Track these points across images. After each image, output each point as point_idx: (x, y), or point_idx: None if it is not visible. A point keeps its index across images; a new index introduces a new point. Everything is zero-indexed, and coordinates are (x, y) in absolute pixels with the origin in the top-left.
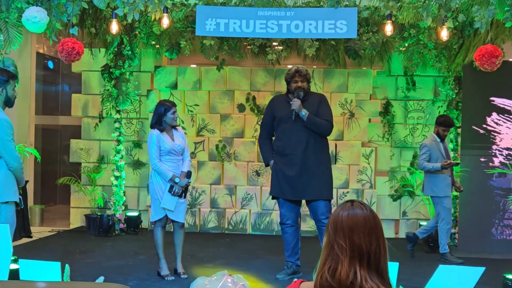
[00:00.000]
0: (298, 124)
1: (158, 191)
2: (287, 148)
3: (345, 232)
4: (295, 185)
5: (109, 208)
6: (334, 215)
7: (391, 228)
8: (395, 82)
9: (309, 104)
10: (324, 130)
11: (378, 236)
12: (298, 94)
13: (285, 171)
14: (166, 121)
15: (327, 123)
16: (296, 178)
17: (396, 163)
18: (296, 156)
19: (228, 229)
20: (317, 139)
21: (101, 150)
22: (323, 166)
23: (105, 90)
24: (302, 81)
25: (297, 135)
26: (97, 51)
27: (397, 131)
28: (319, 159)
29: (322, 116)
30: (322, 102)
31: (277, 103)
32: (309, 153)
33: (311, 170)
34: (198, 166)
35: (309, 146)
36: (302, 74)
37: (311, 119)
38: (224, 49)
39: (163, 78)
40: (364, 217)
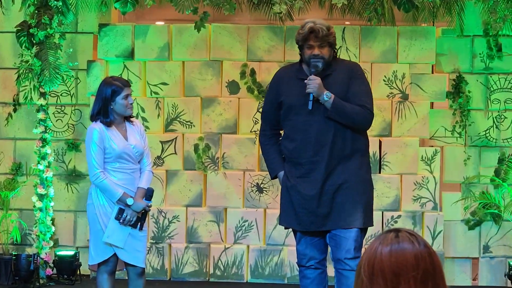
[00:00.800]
0: (318, 114)
1: (100, 218)
2: (302, 153)
3: (387, 278)
4: (316, 209)
5: (30, 244)
6: (370, 253)
7: (467, 272)
8: (471, 46)
9: (334, 82)
10: (360, 122)
11: (437, 283)
12: (315, 67)
13: (301, 189)
14: (115, 109)
15: (364, 111)
16: (317, 198)
17: (473, 171)
18: (317, 166)
19: (215, 276)
20: (348, 136)
21: (16, 154)
22: (356, 177)
23: (23, 62)
24: (320, 45)
25: (317, 132)
26: (10, 2)
27: (475, 121)
28: (352, 167)
29: (355, 98)
30: (355, 75)
31: (285, 81)
32: (336, 158)
33: (337, 185)
34: (167, 179)
35: (335, 148)
36: (320, 34)
37: (338, 105)
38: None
39: (113, 42)
40: (416, 255)
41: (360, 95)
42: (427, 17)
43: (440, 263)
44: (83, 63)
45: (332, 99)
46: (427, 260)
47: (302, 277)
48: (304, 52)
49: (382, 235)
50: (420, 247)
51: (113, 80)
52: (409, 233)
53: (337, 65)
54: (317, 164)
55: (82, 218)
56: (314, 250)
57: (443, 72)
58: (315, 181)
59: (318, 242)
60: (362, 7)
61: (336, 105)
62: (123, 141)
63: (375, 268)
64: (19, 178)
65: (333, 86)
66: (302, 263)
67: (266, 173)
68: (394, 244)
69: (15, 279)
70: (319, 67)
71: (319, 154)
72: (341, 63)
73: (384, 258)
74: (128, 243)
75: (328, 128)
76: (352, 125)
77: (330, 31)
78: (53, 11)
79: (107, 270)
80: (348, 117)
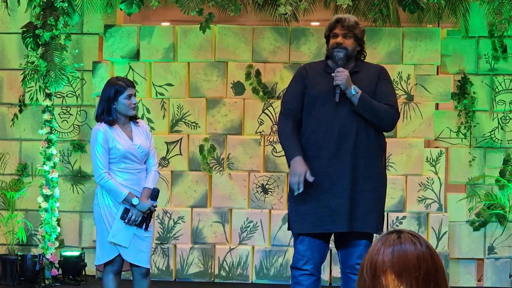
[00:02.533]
0: (344, 108)
1: (106, 219)
2: (324, 146)
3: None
4: (338, 208)
5: (36, 245)
6: (372, 253)
7: (471, 273)
8: (476, 47)
9: (361, 80)
10: (386, 120)
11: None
12: (337, 56)
13: (320, 185)
14: (118, 109)
15: (391, 109)
16: (340, 196)
17: (478, 171)
18: (340, 160)
19: (220, 276)
20: (372, 134)
21: (22, 155)
22: (377, 179)
23: (29, 63)
24: (345, 35)
25: (340, 125)
26: (15, 3)
27: (480, 122)
28: (374, 167)
29: (383, 98)
30: (383, 77)
31: (311, 74)
32: (360, 154)
33: (360, 184)
34: (173, 179)
35: (359, 143)
36: (346, 24)
37: (366, 100)
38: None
39: (118, 43)
40: (418, 256)
41: (388, 95)
42: (432, 18)
43: (441, 264)
44: (88, 64)
45: (360, 93)
46: (429, 261)
47: (295, 283)
48: (329, 43)
49: (384, 236)
50: (422, 248)
51: (117, 80)
52: (411, 234)
53: (364, 65)
54: (339, 158)
55: (88, 218)
56: (316, 253)
57: (448, 73)
58: (337, 177)
59: (321, 245)
60: (367, 8)
61: (363, 99)
62: (128, 142)
63: (377, 269)
64: (25, 179)
65: (360, 83)
66: (298, 265)
67: (271, 174)
68: (397, 245)
69: (21, 280)
70: (341, 56)
71: (342, 148)
72: (368, 64)
73: (386, 259)
74: (133, 243)
75: (352, 123)
76: (377, 122)
77: (358, 25)
78: (58, 12)
79: (113, 270)
80: (375, 113)
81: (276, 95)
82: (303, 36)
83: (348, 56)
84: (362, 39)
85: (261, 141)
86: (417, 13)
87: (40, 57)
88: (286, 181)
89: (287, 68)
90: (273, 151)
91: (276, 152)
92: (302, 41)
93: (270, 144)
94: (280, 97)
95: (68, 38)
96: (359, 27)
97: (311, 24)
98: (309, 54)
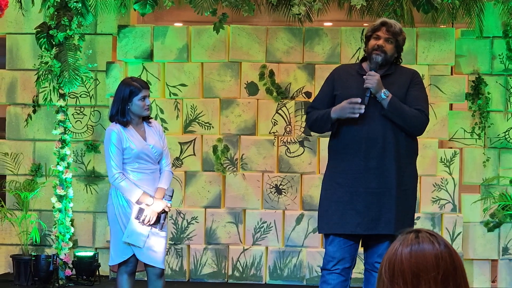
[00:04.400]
0: (373, 111)
1: (120, 219)
2: (353, 149)
3: (407, 278)
4: (364, 210)
5: (49, 245)
6: (391, 254)
7: (486, 274)
8: (490, 47)
9: (392, 83)
10: (415, 125)
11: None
12: (375, 62)
13: (350, 187)
14: (132, 110)
15: (421, 115)
16: (366, 199)
17: (493, 172)
18: (368, 164)
19: (234, 277)
20: (402, 137)
21: (36, 155)
22: (406, 182)
23: (42, 63)
24: (387, 40)
25: (370, 128)
26: (29, 3)
27: (494, 123)
28: (404, 170)
29: (413, 103)
30: (416, 81)
31: (343, 75)
32: (389, 158)
33: (389, 187)
34: (186, 180)
35: (388, 147)
36: (392, 29)
37: (396, 105)
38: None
39: (132, 44)
40: (436, 256)
41: (419, 100)
42: (446, 19)
43: (461, 263)
44: (102, 64)
45: (390, 98)
46: (447, 260)
47: (323, 282)
48: (369, 44)
49: (402, 236)
50: (441, 247)
51: (131, 81)
52: (429, 233)
53: (397, 69)
54: (367, 161)
55: (101, 219)
56: (346, 254)
57: (462, 73)
58: (365, 180)
59: (351, 247)
60: (381, 8)
61: (393, 104)
62: (141, 142)
63: (395, 269)
64: (39, 179)
65: (392, 87)
66: (327, 267)
67: (285, 175)
68: (414, 244)
69: (35, 280)
70: (378, 61)
71: (371, 152)
72: (401, 68)
73: (404, 259)
74: (148, 243)
75: (381, 126)
76: (407, 127)
77: (402, 33)
78: (72, 12)
79: (127, 271)
80: (404, 118)
81: (290, 95)
82: (316, 36)
83: (386, 61)
84: (402, 47)
85: (275, 142)
86: (431, 13)
87: (54, 58)
88: (300, 181)
89: (301, 69)
90: (287, 152)
91: (290, 153)
92: (316, 42)
93: (283, 145)
94: (294, 97)
95: (82, 39)
96: (403, 35)
97: (325, 24)
98: (322, 54)
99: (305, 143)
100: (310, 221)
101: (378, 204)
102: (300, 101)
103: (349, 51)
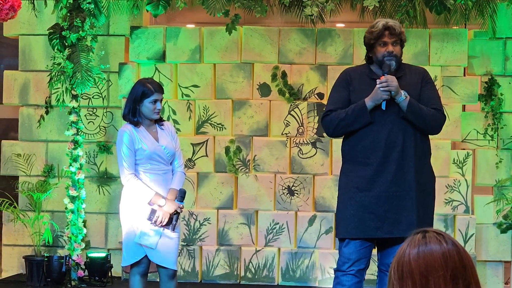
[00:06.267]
0: (391, 114)
1: (132, 220)
2: (371, 153)
3: (416, 279)
4: (385, 214)
5: (62, 246)
6: (399, 255)
7: (498, 275)
8: (503, 48)
9: (406, 84)
10: (434, 124)
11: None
12: (388, 66)
13: (366, 191)
14: (142, 111)
15: (438, 113)
16: (386, 202)
17: (506, 173)
18: (387, 167)
19: (246, 278)
20: (419, 139)
21: (49, 156)
22: (427, 184)
23: (55, 64)
24: (394, 43)
25: (388, 132)
26: (42, 4)
27: (507, 124)
28: (422, 170)
29: (429, 102)
30: (427, 80)
31: (355, 79)
32: (408, 161)
33: (409, 189)
34: (199, 181)
35: (407, 150)
36: (396, 31)
37: (415, 106)
38: (238, 0)
39: (144, 45)
40: (443, 254)
41: (433, 99)
42: (459, 20)
43: (470, 261)
44: (114, 65)
45: (408, 99)
46: (455, 259)
47: (337, 283)
48: (377, 51)
49: (410, 236)
50: (448, 246)
51: (146, 82)
52: (437, 233)
53: (406, 68)
54: (387, 165)
55: (114, 220)
56: (362, 256)
57: (475, 74)
58: (385, 183)
59: (367, 248)
60: (394, 9)
61: (413, 105)
62: (153, 143)
63: (404, 271)
64: (51, 180)
65: (406, 88)
66: (342, 268)
67: (298, 176)
68: (422, 245)
69: (47, 281)
70: (393, 66)
71: (389, 155)
72: (409, 66)
73: (412, 260)
74: (160, 244)
75: (400, 129)
76: (425, 128)
77: (402, 30)
78: (85, 13)
79: (140, 272)
80: (424, 119)
81: (302, 96)
82: (329, 37)
83: (398, 63)
84: (404, 43)
85: (287, 143)
86: (444, 14)
87: (66, 59)
88: (312, 182)
89: (313, 70)
90: (299, 153)
91: (302, 154)
92: (328, 43)
93: (296, 146)
94: (306, 98)
95: (94, 40)
96: (403, 32)
97: (337, 25)
98: (335, 55)
99: (318, 144)
100: (323, 222)
101: (398, 207)
102: (313, 102)
103: (361, 52)
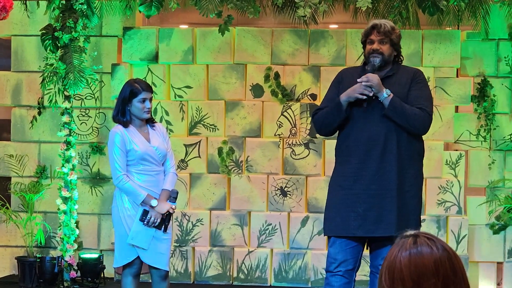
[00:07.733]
0: (375, 113)
1: (124, 220)
2: (353, 151)
3: (406, 284)
4: (365, 213)
5: (54, 247)
6: (390, 260)
7: (491, 277)
8: (496, 49)
9: (394, 83)
10: (417, 124)
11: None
12: (372, 65)
13: (348, 190)
14: (132, 111)
15: (423, 113)
16: (367, 201)
17: (498, 175)
18: (368, 166)
19: (239, 279)
20: (403, 138)
21: (41, 157)
22: (408, 184)
23: (48, 65)
24: (381, 41)
25: (371, 130)
26: (35, 5)
27: (500, 125)
28: (406, 172)
29: (415, 101)
30: (417, 80)
31: (346, 78)
32: (389, 160)
33: (390, 189)
34: (191, 182)
35: (388, 149)
36: (382, 30)
37: (396, 104)
38: (231, 1)
39: (137, 46)
40: (435, 260)
41: (420, 99)
42: (452, 21)
43: (461, 266)
44: (107, 66)
45: (391, 97)
46: (446, 265)
47: (327, 284)
48: (365, 49)
49: (401, 240)
50: (439, 252)
51: (134, 82)
52: (427, 237)
53: (399, 69)
54: (368, 163)
55: (106, 221)
56: (348, 256)
57: (468, 75)
58: (365, 182)
59: (354, 248)
60: (387, 10)
61: (394, 103)
62: (145, 143)
63: (395, 276)
64: (44, 181)
65: (393, 86)
66: (330, 269)
67: (290, 177)
68: (412, 249)
69: (40, 282)
70: (376, 63)
71: (370, 154)
72: (404, 67)
73: (403, 266)
74: (152, 245)
75: (382, 128)
76: (408, 127)
77: (394, 30)
78: (77, 14)
79: (132, 273)
80: (406, 117)
81: (295, 97)
82: (322, 38)
83: (385, 61)
84: (398, 44)
85: (280, 144)
86: (437, 15)
87: (59, 59)
88: (305, 183)
89: (306, 71)
90: (292, 154)
91: (295, 155)
92: (321, 44)
93: (289, 147)
94: (299, 99)
95: (87, 40)
96: (396, 32)
97: (330, 26)
98: (328, 56)
99: (310, 145)
100: (315, 223)
101: (378, 206)
102: (305, 103)
103: (354, 53)
